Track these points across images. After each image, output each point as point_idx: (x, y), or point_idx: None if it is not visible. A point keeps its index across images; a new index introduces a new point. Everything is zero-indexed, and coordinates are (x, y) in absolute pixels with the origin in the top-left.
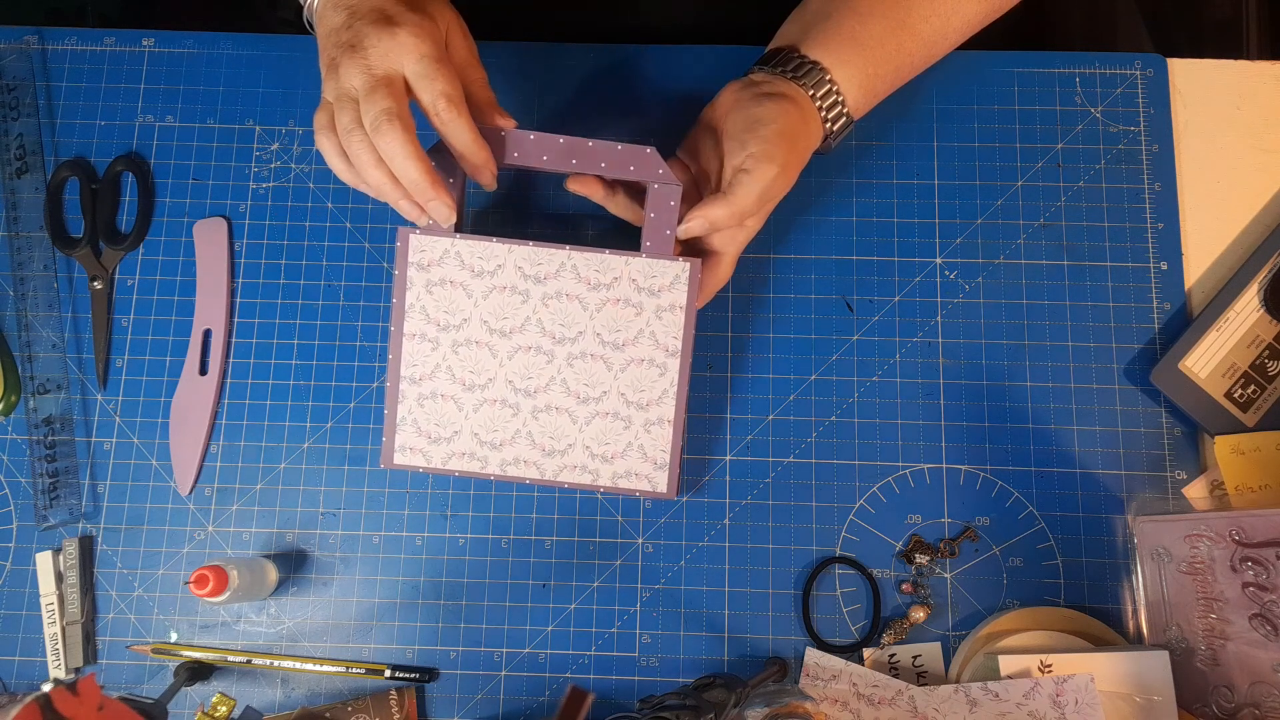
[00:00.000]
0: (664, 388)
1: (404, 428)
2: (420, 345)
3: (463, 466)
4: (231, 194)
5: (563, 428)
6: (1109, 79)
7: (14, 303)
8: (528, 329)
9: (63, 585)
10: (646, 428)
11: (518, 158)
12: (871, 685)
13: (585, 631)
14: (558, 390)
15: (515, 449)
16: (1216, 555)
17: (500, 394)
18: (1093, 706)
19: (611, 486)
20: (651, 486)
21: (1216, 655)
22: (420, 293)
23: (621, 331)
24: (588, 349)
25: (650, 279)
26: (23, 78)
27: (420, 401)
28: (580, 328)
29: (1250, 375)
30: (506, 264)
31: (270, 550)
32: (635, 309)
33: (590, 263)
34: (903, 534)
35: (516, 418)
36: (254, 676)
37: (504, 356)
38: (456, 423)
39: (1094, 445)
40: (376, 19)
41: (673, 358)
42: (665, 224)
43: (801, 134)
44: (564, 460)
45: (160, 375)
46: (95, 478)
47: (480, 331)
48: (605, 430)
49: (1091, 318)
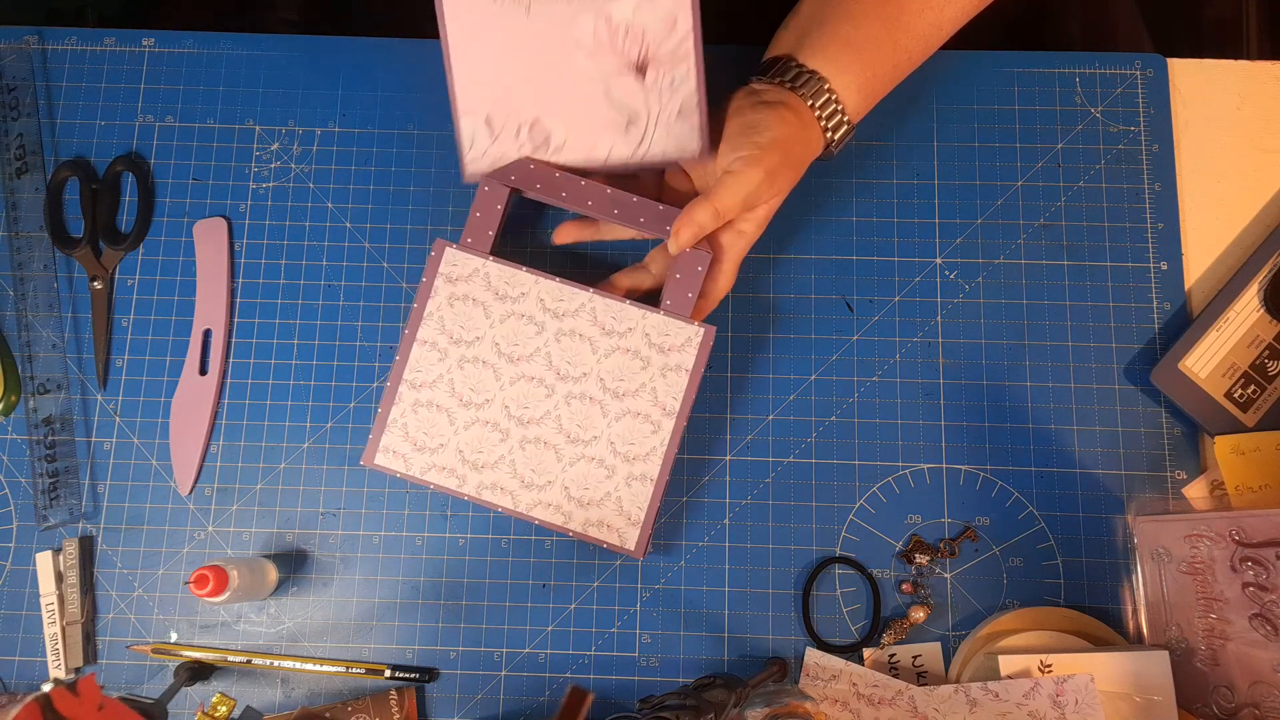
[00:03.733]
0: (654, 445)
1: (393, 429)
2: (429, 353)
3: (440, 480)
4: (231, 194)
5: (547, 463)
6: (1109, 79)
7: (14, 303)
8: (535, 360)
9: (63, 585)
10: (628, 481)
11: (565, 198)
12: (871, 685)
13: (585, 631)
14: (550, 425)
15: (496, 474)
16: (1216, 555)
17: (494, 417)
18: (1093, 706)
19: (581, 532)
20: (620, 541)
21: (1216, 655)
22: (442, 303)
23: (625, 381)
24: (588, 391)
25: (663, 336)
26: (23, 78)
27: (415, 408)
28: (586, 369)
29: (1250, 375)
30: (530, 294)
31: (270, 550)
32: (642, 362)
33: (609, 309)
34: (903, 534)
35: (504, 444)
36: (254, 676)
37: (506, 381)
38: (445, 436)
39: (1094, 445)
40: None
41: (669, 417)
42: (689, 286)
43: (798, 141)
44: (540, 496)
45: (160, 375)
46: (95, 478)
47: (489, 353)
48: (588, 475)
49: (1091, 318)
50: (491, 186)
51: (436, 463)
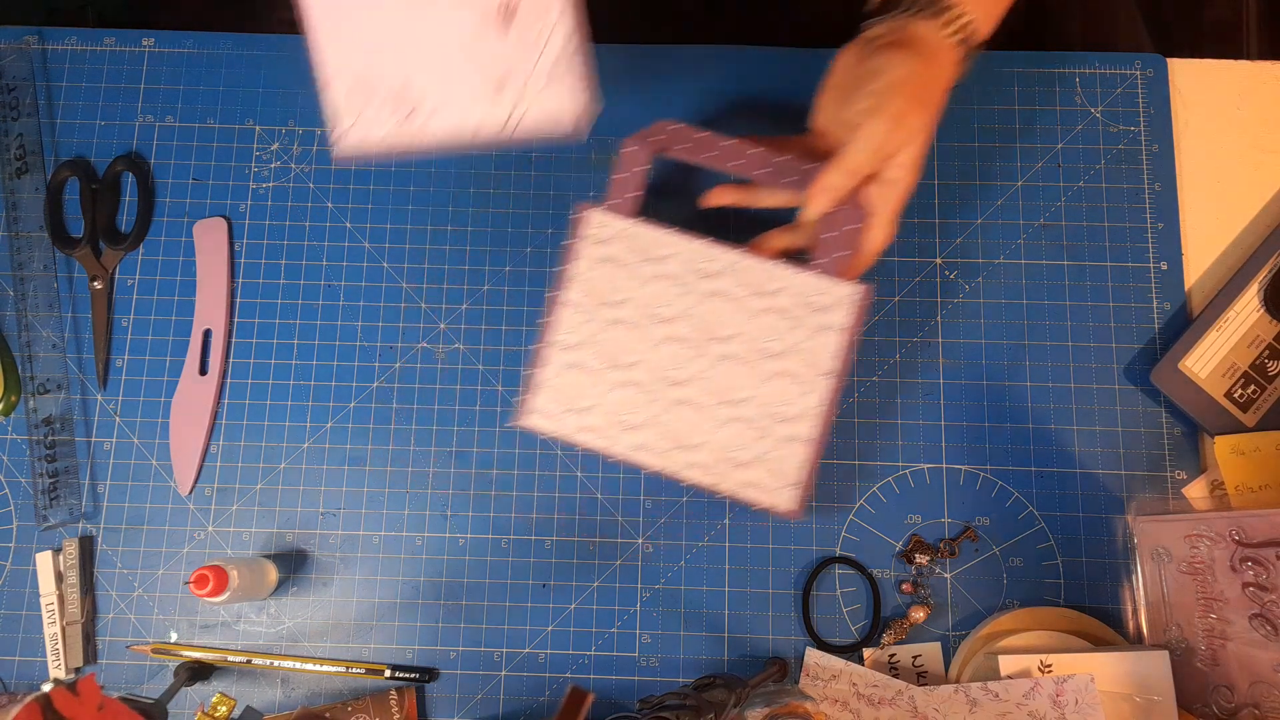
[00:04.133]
0: (808, 405)
1: (542, 391)
2: (575, 315)
3: (591, 441)
4: (231, 194)
5: (698, 425)
6: (1109, 79)
7: (14, 303)
8: (683, 321)
9: (63, 585)
10: (783, 442)
11: (711, 158)
12: (871, 685)
13: (585, 631)
14: (700, 387)
15: (646, 435)
16: (1216, 555)
17: (643, 378)
18: (1093, 706)
19: (734, 493)
20: (775, 502)
21: (1216, 655)
22: (587, 266)
23: (776, 342)
24: (738, 352)
25: (815, 296)
26: (23, 78)
27: (564, 370)
28: (735, 330)
29: (1250, 375)
30: (677, 255)
31: (270, 550)
32: (793, 322)
33: (758, 269)
34: (903, 534)
35: (654, 405)
36: (254, 676)
37: (654, 342)
38: (594, 397)
39: (1094, 445)
40: None
41: (823, 378)
42: (841, 245)
43: (923, 77)
44: (692, 457)
45: (160, 375)
46: (95, 478)
47: (637, 314)
48: (740, 436)
49: (1091, 318)
50: (633, 148)
51: (586, 424)
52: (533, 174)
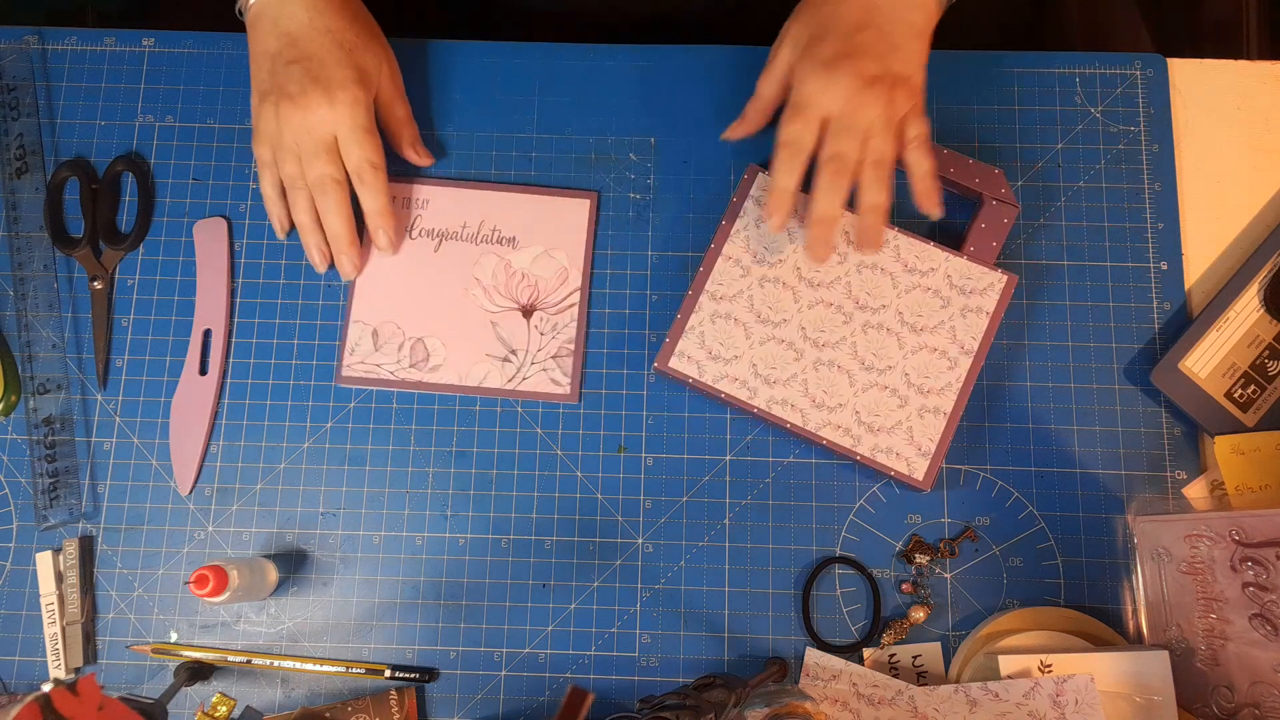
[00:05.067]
0: (950, 380)
1: (689, 336)
2: (732, 269)
3: (732, 390)
4: (231, 194)
5: (840, 386)
6: (1109, 79)
7: (14, 303)
8: (836, 287)
9: (63, 585)
10: (921, 413)
11: None
12: (871, 685)
13: (585, 631)
14: (845, 350)
15: (787, 391)
16: (1216, 555)
17: (790, 336)
18: (1093, 706)
19: (869, 458)
20: (909, 470)
21: (1216, 655)
22: (749, 223)
23: (923, 317)
24: (886, 322)
25: (965, 279)
26: (23, 78)
27: (713, 319)
28: (885, 301)
29: (1250, 375)
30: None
31: (270, 550)
32: (943, 301)
33: (913, 248)
34: (903, 534)
35: (798, 363)
36: (254, 676)
37: (805, 304)
38: (740, 349)
39: (1094, 445)
40: (315, 77)
41: (966, 355)
42: (993, 236)
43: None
44: (831, 417)
45: (160, 375)
46: (95, 478)
47: (791, 275)
48: (880, 402)
49: (1091, 318)
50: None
51: (729, 373)
52: (533, 172)
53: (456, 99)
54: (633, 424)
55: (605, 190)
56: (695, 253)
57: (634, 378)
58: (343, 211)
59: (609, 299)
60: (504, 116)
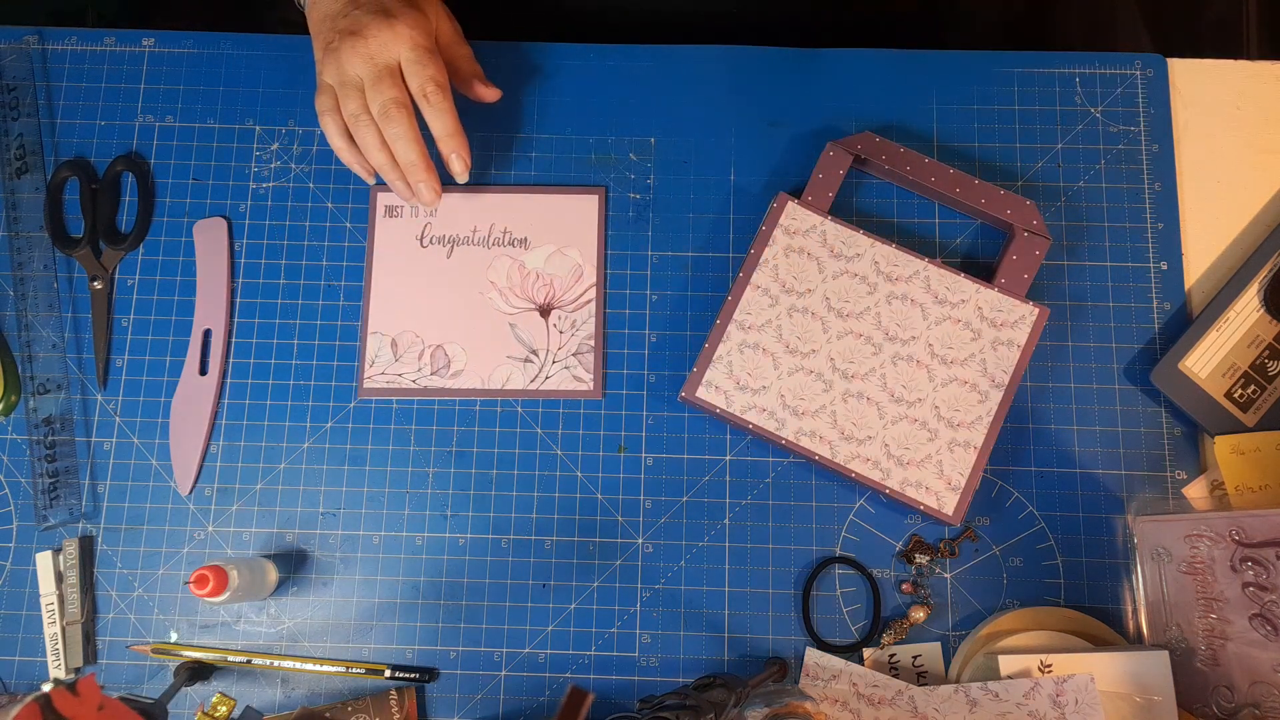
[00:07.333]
0: (980, 414)
1: (717, 365)
2: (760, 298)
3: (759, 421)
4: (231, 194)
5: (869, 419)
6: (1109, 79)
7: (14, 303)
8: (865, 318)
9: (63, 585)
10: (951, 447)
11: (907, 172)
12: (871, 685)
13: (585, 631)
14: (875, 382)
15: (815, 422)
16: (1216, 555)
17: (819, 367)
18: (1093, 706)
19: (899, 491)
20: (938, 505)
21: (1216, 655)
22: (778, 253)
23: (954, 349)
24: (916, 354)
25: (996, 312)
26: (23, 78)
27: (741, 348)
28: (915, 333)
29: (1250, 375)
30: (865, 255)
31: (270, 550)
32: (974, 334)
33: (944, 280)
34: (903, 534)
35: (827, 394)
36: (254, 676)
37: (834, 335)
38: (768, 379)
39: (1094, 445)
40: (375, 10)
41: (997, 389)
42: (1025, 269)
43: None
44: (860, 450)
45: (160, 375)
46: (95, 478)
47: (820, 305)
48: (909, 435)
49: (1091, 318)
50: (836, 152)
51: (757, 403)
52: (533, 172)
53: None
54: (633, 424)
55: (605, 190)
56: (695, 253)
57: (634, 378)
58: (412, 136)
59: (608, 299)
60: (504, 117)
